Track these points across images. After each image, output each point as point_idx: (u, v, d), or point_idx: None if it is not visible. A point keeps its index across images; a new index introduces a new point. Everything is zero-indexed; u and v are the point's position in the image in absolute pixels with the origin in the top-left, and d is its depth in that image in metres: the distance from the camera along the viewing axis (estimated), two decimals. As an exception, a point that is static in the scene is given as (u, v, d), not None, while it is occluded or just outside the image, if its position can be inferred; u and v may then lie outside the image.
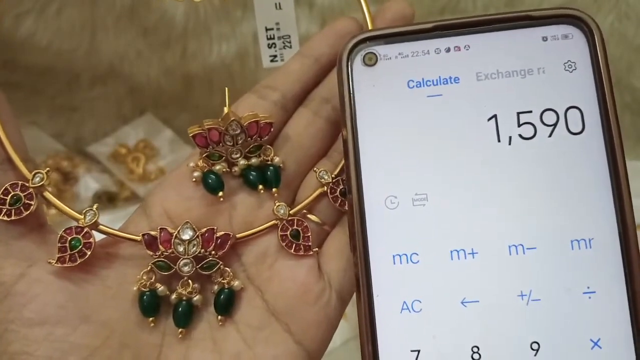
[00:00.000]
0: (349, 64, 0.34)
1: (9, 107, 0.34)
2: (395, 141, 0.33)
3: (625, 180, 0.31)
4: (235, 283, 0.34)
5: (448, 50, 0.34)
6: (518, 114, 0.33)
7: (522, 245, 0.31)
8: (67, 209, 0.34)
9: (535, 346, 0.31)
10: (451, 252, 0.32)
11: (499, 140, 0.33)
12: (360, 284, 0.32)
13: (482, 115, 0.33)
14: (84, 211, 0.33)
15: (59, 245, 0.33)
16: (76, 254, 0.33)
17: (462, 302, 0.31)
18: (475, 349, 0.31)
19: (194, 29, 0.64)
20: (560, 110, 0.33)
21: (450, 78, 0.34)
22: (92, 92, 0.69)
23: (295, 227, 0.35)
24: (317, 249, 0.35)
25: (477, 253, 0.32)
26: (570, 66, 0.33)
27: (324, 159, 0.38)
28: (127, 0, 0.59)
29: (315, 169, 0.37)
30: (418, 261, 0.32)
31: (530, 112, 0.33)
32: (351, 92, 0.34)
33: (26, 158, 0.34)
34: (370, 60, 0.34)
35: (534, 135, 0.32)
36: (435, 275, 0.32)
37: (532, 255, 0.31)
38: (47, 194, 0.34)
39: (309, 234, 0.35)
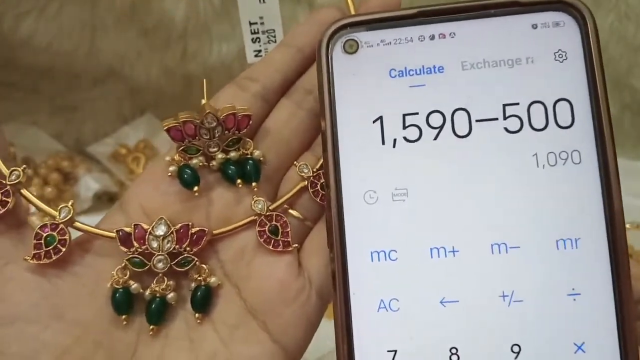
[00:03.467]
0: (329, 51, 0.32)
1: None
2: (376, 135, 0.31)
3: (615, 178, 0.29)
4: (212, 279, 0.32)
5: (432, 37, 0.32)
6: (504, 105, 0.31)
7: (505, 243, 0.30)
8: (44, 205, 0.32)
9: (516, 349, 0.29)
10: (431, 249, 0.30)
11: (481, 135, 0.30)
12: (336, 281, 0.30)
13: (467, 106, 0.31)
14: (59, 208, 0.32)
15: (35, 241, 0.31)
16: (51, 250, 0.31)
17: (441, 302, 0.30)
18: (453, 351, 0.29)
19: (194, 29, 0.63)
20: (549, 103, 0.30)
21: (434, 67, 0.31)
22: (92, 92, 0.68)
23: (273, 222, 0.33)
24: (296, 245, 0.33)
25: (457, 251, 0.30)
26: (560, 56, 0.31)
27: (307, 153, 0.36)
28: (127, 1, 0.58)
29: (296, 162, 0.34)
30: (396, 258, 0.30)
31: (518, 104, 0.31)
32: (331, 81, 0.32)
33: (6, 156, 0.33)
34: (351, 48, 0.32)
35: (520, 129, 0.30)
36: (414, 273, 0.30)
37: (515, 254, 0.29)
38: (24, 191, 0.32)
39: (288, 230, 0.33)
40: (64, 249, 0.31)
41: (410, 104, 0.31)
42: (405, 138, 0.31)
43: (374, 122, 0.31)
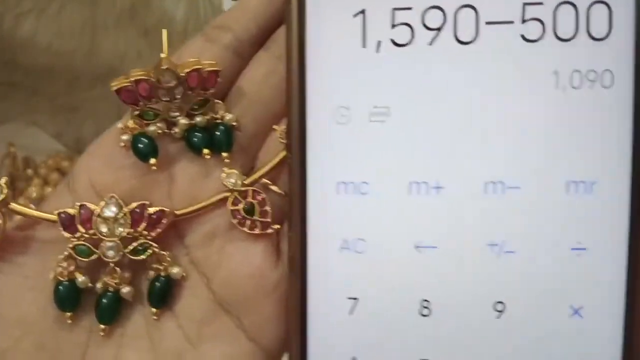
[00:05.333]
0: None
1: None
2: (355, 34, 0.25)
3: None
4: (175, 270, 0.28)
5: None
6: (524, 4, 0.24)
7: (502, 182, 0.25)
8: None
9: (499, 307, 0.25)
10: (410, 184, 0.25)
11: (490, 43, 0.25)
12: (293, 213, 0.26)
13: (475, 2, 0.24)
14: (-9, 187, 0.30)
15: None
16: (-18, 238, 0.29)
17: (416, 247, 0.25)
18: (425, 303, 0.25)
19: (194, 29, 0.61)
20: (582, 5, 0.24)
21: None
22: (92, 92, 0.66)
23: (249, 199, 0.28)
24: (278, 226, 0.28)
25: (442, 188, 0.25)
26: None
27: None
28: (127, 1, 0.56)
29: (276, 126, 0.29)
30: (367, 192, 0.25)
31: (541, 4, 0.24)
32: None
33: None
34: None
35: (541, 38, 0.24)
36: (387, 211, 0.25)
37: (513, 196, 0.25)
38: None
39: (267, 208, 0.28)
40: None
41: None
42: (392, 41, 0.25)
43: (354, 16, 0.25)
